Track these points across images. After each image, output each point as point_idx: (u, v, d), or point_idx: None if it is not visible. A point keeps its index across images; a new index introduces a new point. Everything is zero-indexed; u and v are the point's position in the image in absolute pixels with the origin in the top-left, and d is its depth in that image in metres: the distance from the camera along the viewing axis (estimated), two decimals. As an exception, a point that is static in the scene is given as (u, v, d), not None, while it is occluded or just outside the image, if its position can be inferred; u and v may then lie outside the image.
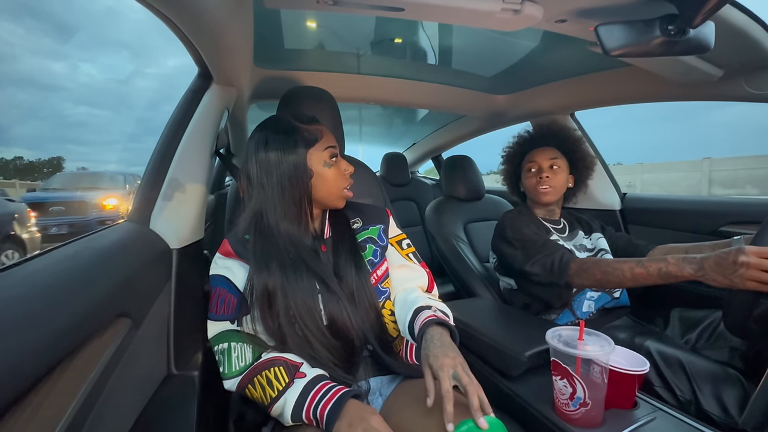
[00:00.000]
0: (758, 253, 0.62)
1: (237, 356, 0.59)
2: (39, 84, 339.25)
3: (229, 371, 0.59)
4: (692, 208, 1.23)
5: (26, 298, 0.35)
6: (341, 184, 0.68)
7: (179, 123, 0.74)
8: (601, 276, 0.81)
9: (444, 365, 0.52)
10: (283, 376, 0.55)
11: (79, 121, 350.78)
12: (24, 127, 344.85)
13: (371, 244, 0.72)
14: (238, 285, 0.64)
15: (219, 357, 0.60)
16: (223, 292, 0.63)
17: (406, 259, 0.75)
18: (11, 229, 3.06)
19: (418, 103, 1.57)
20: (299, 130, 0.66)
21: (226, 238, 0.69)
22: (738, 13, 0.69)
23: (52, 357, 0.34)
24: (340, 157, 0.70)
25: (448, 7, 0.64)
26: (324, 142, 0.67)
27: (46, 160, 59.81)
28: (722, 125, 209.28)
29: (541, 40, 0.99)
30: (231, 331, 0.61)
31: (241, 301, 0.63)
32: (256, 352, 0.60)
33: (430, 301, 0.66)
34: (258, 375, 0.56)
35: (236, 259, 0.66)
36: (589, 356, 0.55)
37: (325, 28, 1.00)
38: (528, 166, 1.07)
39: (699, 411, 0.69)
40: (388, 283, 0.71)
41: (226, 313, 0.62)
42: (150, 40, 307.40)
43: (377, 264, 0.71)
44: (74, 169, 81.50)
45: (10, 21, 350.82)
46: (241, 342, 0.60)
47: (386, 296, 0.70)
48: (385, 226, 0.76)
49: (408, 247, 0.77)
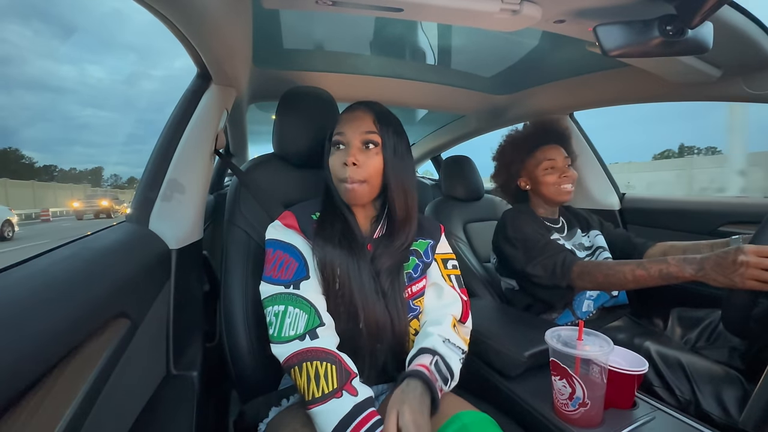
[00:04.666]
0: (758, 252, 0.62)
1: (290, 322, 0.57)
2: (48, 86, 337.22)
3: (278, 335, 0.57)
4: (691, 209, 1.23)
5: (25, 299, 0.35)
6: (338, 172, 0.64)
7: (178, 123, 0.74)
8: (603, 279, 0.81)
9: (414, 423, 0.48)
10: (333, 377, 0.53)
11: (84, 123, 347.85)
12: (32, 129, 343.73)
13: (415, 257, 0.69)
14: (303, 252, 0.63)
15: (271, 319, 0.58)
16: (284, 256, 0.62)
17: (446, 280, 0.70)
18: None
19: (418, 103, 1.57)
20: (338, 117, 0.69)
21: (291, 212, 0.68)
22: (736, 13, 0.69)
23: (51, 357, 0.34)
24: (358, 146, 0.64)
25: (447, 7, 0.64)
26: (337, 128, 0.66)
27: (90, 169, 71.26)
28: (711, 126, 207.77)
29: (540, 40, 0.99)
30: (289, 295, 0.59)
31: (302, 266, 0.62)
32: (309, 324, 0.57)
33: (440, 346, 0.60)
34: (308, 362, 0.54)
35: (299, 233, 0.65)
36: (588, 356, 0.55)
37: (325, 28, 1.00)
38: (545, 165, 1.01)
39: (698, 411, 0.70)
40: (420, 302, 0.68)
41: (284, 277, 0.60)
42: (158, 41, 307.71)
43: (415, 279, 0.68)
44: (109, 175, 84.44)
45: (18, 23, 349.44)
46: (298, 308, 0.58)
47: (415, 314, 0.66)
48: (435, 243, 0.72)
49: (453, 269, 0.72)
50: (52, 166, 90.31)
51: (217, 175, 1.89)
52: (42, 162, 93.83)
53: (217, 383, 0.60)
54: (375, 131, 0.64)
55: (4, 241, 7.15)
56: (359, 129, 0.63)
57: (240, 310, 0.75)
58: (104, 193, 22.34)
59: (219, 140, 0.86)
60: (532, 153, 1.05)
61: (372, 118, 0.65)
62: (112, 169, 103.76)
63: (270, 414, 0.63)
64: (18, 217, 8.69)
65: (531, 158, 1.05)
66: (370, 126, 0.64)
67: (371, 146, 0.63)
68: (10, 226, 7.50)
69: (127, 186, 74.60)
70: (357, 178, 0.62)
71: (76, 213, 15.02)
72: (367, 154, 0.63)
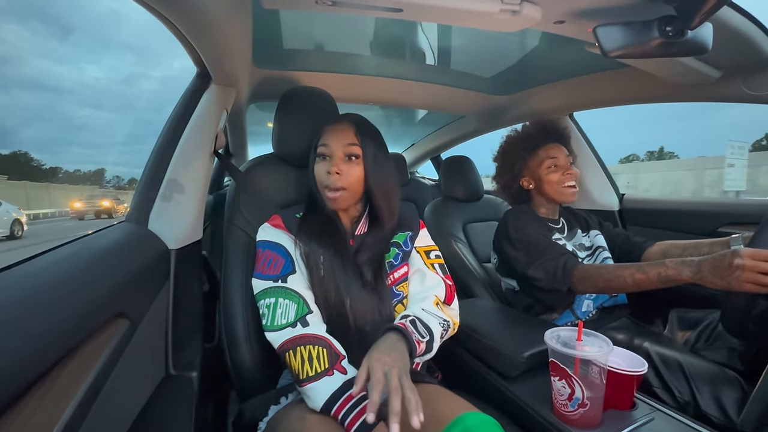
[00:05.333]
0: (753, 255, 0.62)
1: (281, 312, 0.62)
2: (45, 86, 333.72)
3: (271, 324, 0.62)
4: (690, 209, 1.23)
5: (24, 298, 0.35)
6: (322, 180, 0.71)
7: (178, 123, 0.74)
8: (604, 284, 0.81)
9: (379, 360, 0.51)
10: (324, 359, 0.58)
11: (82, 123, 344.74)
12: (30, 129, 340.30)
13: (395, 247, 0.75)
14: (288, 249, 0.69)
15: (264, 311, 0.64)
16: (271, 254, 0.68)
17: (429, 268, 0.75)
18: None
19: (417, 104, 1.58)
20: (321, 127, 0.74)
21: (278, 214, 0.75)
22: (736, 14, 0.70)
23: (50, 357, 0.34)
24: (341, 158, 0.70)
25: (446, 7, 0.64)
26: (321, 140, 0.72)
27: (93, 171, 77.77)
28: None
29: (540, 40, 0.99)
30: (278, 288, 0.65)
31: (288, 263, 0.67)
32: (299, 313, 0.63)
33: (417, 311, 0.65)
34: (301, 346, 0.59)
35: (285, 231, 0.72)
36: (588, 357, 0.55)
37: (325, 28, 1.00)
38: (548, 163, 1.01)
39: (697, 412, 0.70)
40: (403, 287, 0.73)
41: (272, 273, 0.66)
42: (156, 41, 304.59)
43: (396, 266, 0.73)
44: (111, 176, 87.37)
45: (15, 23, 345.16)
46: (287, 299, 0.64)
47: (399, 299, 0.71)
48: (414, 234, 0.78)
49: (436, 258, 0.77)
50: (58, 168, 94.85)
51: (217, 175, 1.88)
52: (43, 163, 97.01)
53: (217, 383, 0.60)
54: (356, 143, 0.70)
55: (15, 239, 7.42)
56: (342, 141, 0.70)
57: (239, 310, 0.75)
58: (104, 194, 22.61)
59: (219, 140, 0.86)
60: (535, 152, 1.05)
61: (353, 130, 0.71)
62: (111, 170, 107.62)
63: (269, 412, 0.63)
64: (27, 217, 9.08)
65: (534, 157, 1.05)
66: (352, 138, 0.70)
67: (353, 158, 0.70)
68: (20, 225, 7.82)
69: (127, 187, 75.98)
70: (339, 186, 0.69)
71: (78, 213, 15.41)
72: (349, 165, 0.70)
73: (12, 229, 7.50)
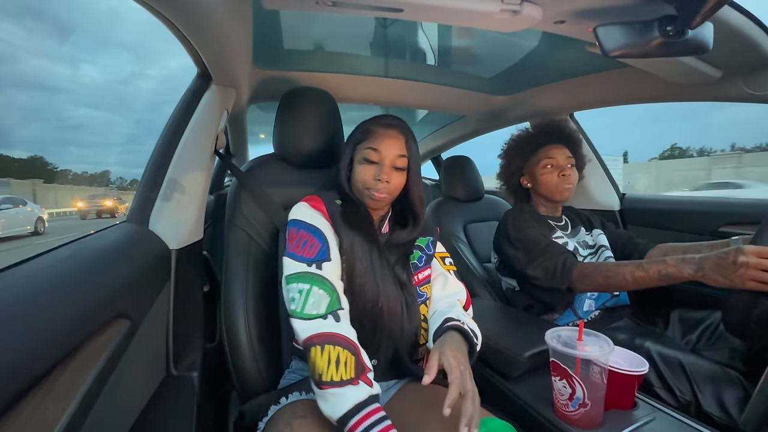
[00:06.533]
0: (757, 252, 0.62)
1: (314, 302, 0.59)
2: (41, 86, 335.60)
3: (300, 312, 0.59)
4: (691, 209, 1.23)
5: (25, 298, 0.35)
6: (367, 183, 0.70)
7: (178, 123, 0.74)
8: (603, 281, 0.81)
9: (455, 358, 0.54)
10: (351, 366, 0.55)
11: (79, 123, 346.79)
12: (25, 129, 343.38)
13: (418, 250, 0.76)
14: (327, 235, 0.67)
15: (294, 295, 0.60)
16: (307, 236, 0.65)
17: (448, 274, 0.77)
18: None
19: (418, 104, 1.57)
20: (362, 126, 0.74)
21: (319, 195, 0.72)
22: (736, 14, 0.69)
23: (51, 357, 0.34)
24: (390, 166, 0.69)
25: (447, 7, 0.64)
26: (370, 142, 0.70)
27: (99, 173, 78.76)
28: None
29: (541, 40, 0.99)
30: (314, 275, 0.62)
31: (325, 249, 0.65)
32: (332, 306, 0.60)
33: (464, 318, 0.67)
34: (330, 345, 0.56)
35: (325, 216, 0.69)
36: (589, 357, 0.55)
37: (325, 28, 1.00)
38: (544, 162, 1.03)
39: (699, 412, 0.69)
40: (426, 288, 0.74)
41: (306, 255, 0.63)
42: (154, 40, 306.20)
43: (420, 268, 0.75)
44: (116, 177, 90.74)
45: (10, 22, 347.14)
46: (322, 289, 0.61)
47: (423, 300, 0.72)
48: (434, 239, 0.79)
49: (450, 265, 0.79)
50: (68, 170, 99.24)
51: (218, 175, 1.89)
52: (56, 167, 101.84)
53: (218, 384, 0.60)
54: (405, 155, 0.71)
55: (38, 235, 8.39)
56: (393, 152, 0.69)
57: (240, 310, 0.75)
58: (105, 193, 23.05)
59: (219, 140, 0.86)
60: (535, 152, 1.07)
61: (404, 141, 0.71)
62: (111, 170, 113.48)
63: (269, 413, 0.63)
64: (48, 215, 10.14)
65: (533, 156, 1.07)
66: (402, 149, 0.70)
67: (400, 169, 0.71)
68: (42, 223, 8.78)
69: (129, 187, 78.09)
70: (385, 192, 0.69)
71: (80, 212, 16.06)
72: (396, 174, 0.70)
73: (36, 226, 8.44)
